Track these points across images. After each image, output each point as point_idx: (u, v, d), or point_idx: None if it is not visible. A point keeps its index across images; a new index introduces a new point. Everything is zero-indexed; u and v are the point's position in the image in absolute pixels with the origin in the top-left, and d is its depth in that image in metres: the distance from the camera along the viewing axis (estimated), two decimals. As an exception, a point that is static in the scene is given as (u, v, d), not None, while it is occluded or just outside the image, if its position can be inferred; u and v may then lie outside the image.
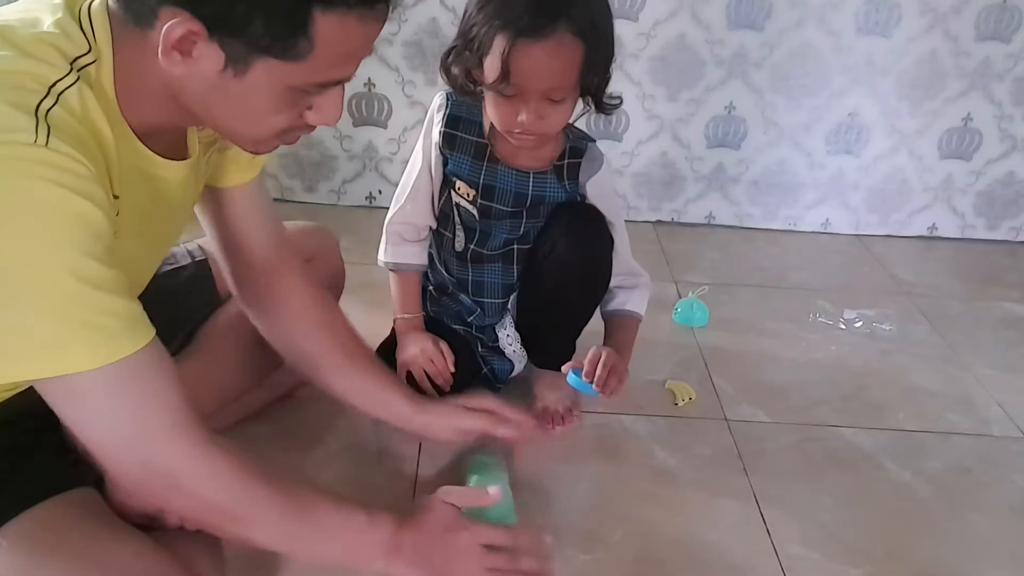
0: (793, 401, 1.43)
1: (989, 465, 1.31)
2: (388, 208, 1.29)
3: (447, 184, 1.24)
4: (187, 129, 0.85)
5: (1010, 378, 1.56)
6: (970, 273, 2.02)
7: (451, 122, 1.19)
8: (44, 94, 0.66)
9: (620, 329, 1.31)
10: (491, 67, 1.02)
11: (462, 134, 1.19)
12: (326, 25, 0.69)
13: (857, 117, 2.04)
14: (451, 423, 1.08)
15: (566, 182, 1.20)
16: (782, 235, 2.15)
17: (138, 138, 0.77)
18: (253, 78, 0.70)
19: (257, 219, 1.03)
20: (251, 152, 0.83)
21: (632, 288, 1.30)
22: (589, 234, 1.21)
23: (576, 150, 1.20)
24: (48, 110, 0.65)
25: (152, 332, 0.73)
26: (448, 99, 1.19)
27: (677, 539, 1.10)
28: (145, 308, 0.97)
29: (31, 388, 0.73)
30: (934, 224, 2.19)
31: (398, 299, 1.29)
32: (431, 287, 1.35)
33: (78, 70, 0.69)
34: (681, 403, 1.39)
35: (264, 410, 1.25)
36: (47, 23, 0.70)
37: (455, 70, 1.09)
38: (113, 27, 0.72)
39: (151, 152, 0.78)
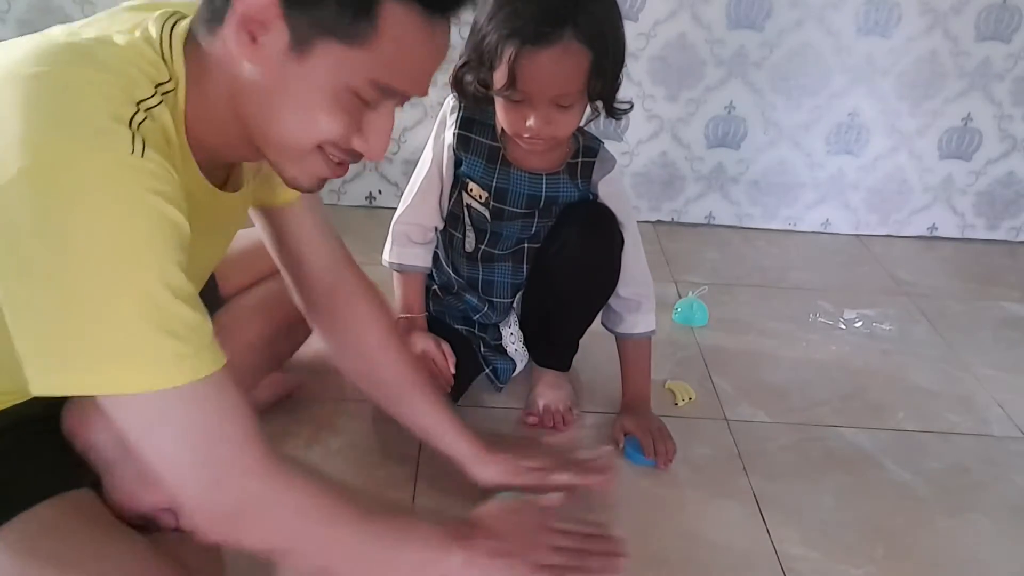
0: (793, 401, 1.43)
1: (989, 465, 1.31)
2: (388, 208, 1.29)
3: (458, 185, 1.24)
4: (238, 166, 0.86)
5: (1010, 378, 1.56)
6: (970, 273, 2.02)
7: (465, 124, 1.19)
8: (135, 109, 0.66)
9: (637, 357, 1.31)
10: (499, 74, 1.03)
11: (476, 136, 1.19)
12: (391, 13, 0.69)
13: (857, 117, 2.04)
14: (507, 478, 1.06)
15: (579, 180, 1.21)
16: (782, 235, 2.15)
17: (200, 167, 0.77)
18: (313, 63, 0.70)
19: (314, 238, 1.01)
20: (290, 183, 0.80)
21: (637, 309, 1.29)
22: (599, 232, 1.21)
23: (590, 149, 1.20)
24: (140, 123, 0.66)
25: (226, 356, 0.71)
26: (460, 101, 1.19)
27: (677, 539, 1.10)
28: None
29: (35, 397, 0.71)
30: (934, 224, 2.19)
31: (401, 299, 1.30)
32: (435, 287, 1.35)
33: (162, 95, 0.70)
34: (681, 403, 1.39)
35: (264, 410, 1.24)
36: (125, 44, 0.70)
37: (467, 80, 1.09)
38: (187, 51, 0.72)
39: (207, 182, 0.78)
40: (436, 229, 1.30)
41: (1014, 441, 1.38)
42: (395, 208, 1.30)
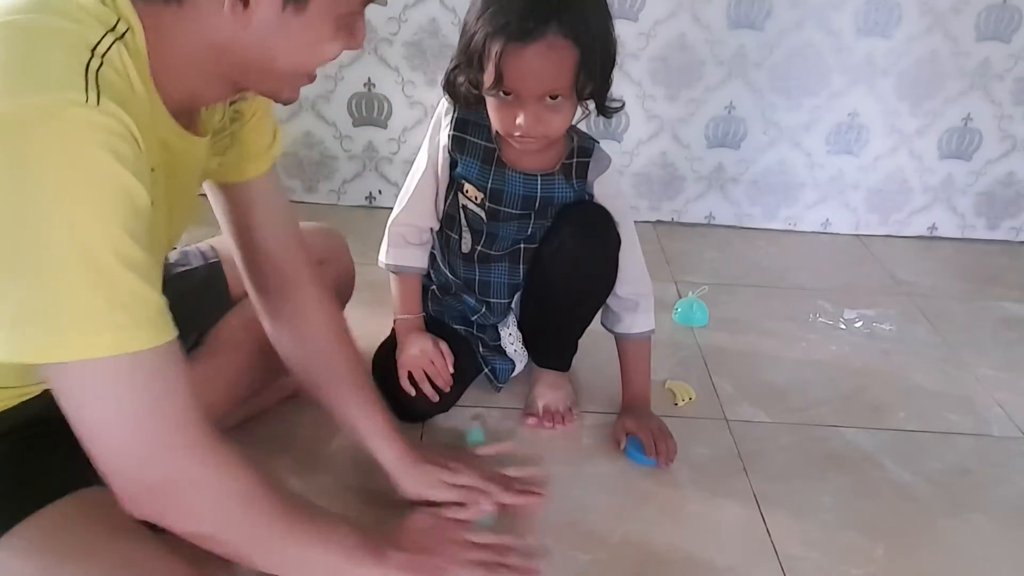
0: (793, 401, 1.43)
1: (989, 465, 1.31)
2: (388, 208, 1.29)
3: (454, 186, 1.24)
4: (200, 111, 0.85)
5: (1010, 378, 1.56)
6: (970, 273, 2.02)
7: (459, 125, 1.19)
8: (89, 54, 0.65)
9: (636, 357, 1.31)
10: (487, 73, 1.04)
11: (471, 137, 1.19)
12: None
13: (857, 117, 2.04)
14: (427, 492, 1.05)
15: (574, 180, 1.21)
16: (782, 235, 2.15)
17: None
18: (311, 10, 0.71)
19: (272, 219, 1.01)
20: (284, 101, 0.81)
21: (635, 309, 1.29)
22: (596, 232, 1.21)
23: (584, 149, 1.20)
24: (97, 69, 0.64)
25: (175, 331, 0.71)
26: (453, 104, 1.19)
27: (677, 539, 1.10)
28: None
29: (43, 392, 0.71)
30: (934, 224, 2.19)
31: (398, 300, 1.30)
32: (433, 287, 1.35)
33: (115, 37, 0.68)
34: (681, 403, 1.39)
35: (267, 411, 1.25)
36: None
37: (459, 81, 1.10)
38: (136, 4, 0.71)
39: (175, 123, 0.77)
40: (431, 230, 1.30)
41: (1014, 441, 1.38)
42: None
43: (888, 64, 1.98)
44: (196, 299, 1.13)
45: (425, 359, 1.25)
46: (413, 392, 1.24)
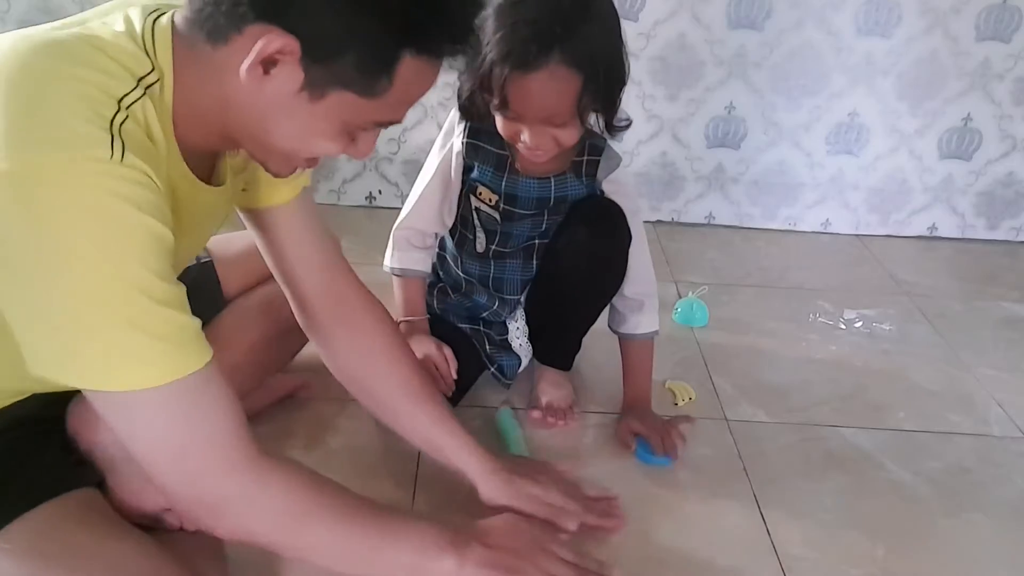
0: (793, 401, 1.43)
1: (989, 465, 1.31)
2: (388, 208, 1.29)
3: (466, 189, 1.25)
4: (221, 156, 0.85)
5: (1010, 378, 1.56)
6: (970, 273, 2.02)
7: (473, 133, 1.20)
8: (116, 108, 0.66)
9: (639, 357, 1.31)
10: (494, 95, 1.05)
11: (484, 145, 1.20)
12: (409, 68, 0.70)
13: (857, 117, 2.04)
14: (518, 503, 1.02)
15: (584, 178, 1.22)
16: (782, 235, 2.15)
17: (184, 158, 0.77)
18: (325, 105, 0.70)
19: (305, 241, 0.99)
20: (272, 173, 0.82)
21: (640, 309, 1.29)
22: (608, 226, 1.22)
23: (595, 147, 1.21)
24: (121, 124, 0.65)
25: (212, 350, 0.72)
26: (466, 122, 1.20)
27: (677, 539, 1.10)
28: None
29: (33, 395, 0.72)
30: (934, 224, 2.19)
31: (402, 303, 1.30)
32: (441, 285, 1.36)
33: (145, 88, 0.69)
34: (681, 403, 1.39)
35: (265, 410, 1.25)
36: (107, 38, 0.70)
37: (470, 97, 1.10)
38: (175, 46, 0.72)
39: (190, 171, 0.78)
40: (436, 235, 1.30)
41: (1014, 441, 1.38)
42: (395, 208, 1.30)
43: (888, 64, 1.97)
44: (189, 298, 1.13)
45: (429, 363, 1.25)
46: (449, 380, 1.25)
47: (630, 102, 1.99)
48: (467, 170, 1.23)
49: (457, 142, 1.22)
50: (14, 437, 0.84)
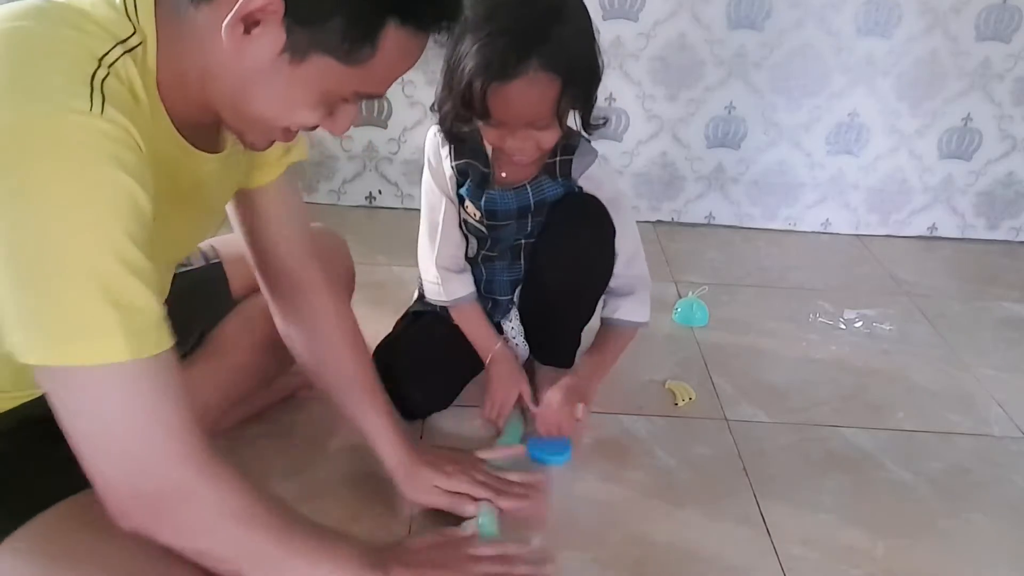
0: (793, 401, 1.43)
1: (989, 465, 1.31)
2: (388, 208, 1.29)
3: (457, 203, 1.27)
4: (221, 127, 0.84)
5: (1010, 378, 1.56)
6: (970, 273, 2.02)
7: (459, 154, 1.22)
8: (96, 65, 0.65)
9: (605, 340, 1.32)
10: (475, 107, 1.05)
11: (470, 162, 1.22)
12: (394, 38, 0.70)
13: (857, 117, 2.04)
14: (421, 497, 1.06)
15: (560, 178, 1.23)
16: (782, 235, 2.15)
17: (174, 126, 0.76)
18: (305, 70, 0.70)
19: (283, 224, 1.01)
20: (248, 145, 0.82)
21: (626, 294, 1.30)
22: (588, 221, 1.23)
23: (568, 147, 1.22)
24: (103, 79, 0.64)
25: (173, 340, 0.70)
26: (449, 138, 1.21)
27: (677, 539, 1.10)
28: None
29: (42, 395, 0.71)
30: (934, 224, 2.19)
31: (475, 339, 1.31)
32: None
33: (125, 50, 0.68)
34: (681, 403, 1.39)
35: (265, 410, 1.25)
36: (87, 6, 0.69)
37: (449, 114, 1.11)
38: (158, 11, 0.71)
39: (180, 138, 0.77)
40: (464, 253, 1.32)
41: (1014, 441, 1.38)
42: (395, 208, 1.30)
43: (888, 64, 1.97)
44: (197, 298, 1.13)
45: (495, 398, 1.27)
46: (499, 422, 1.27)
47: (630, 102, 2.00)
48: (459, 185, 1.25)
49: (447, 165, 1.23)
50: (24, 438, 0.84)
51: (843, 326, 1.70)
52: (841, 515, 1.17)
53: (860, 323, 1.71)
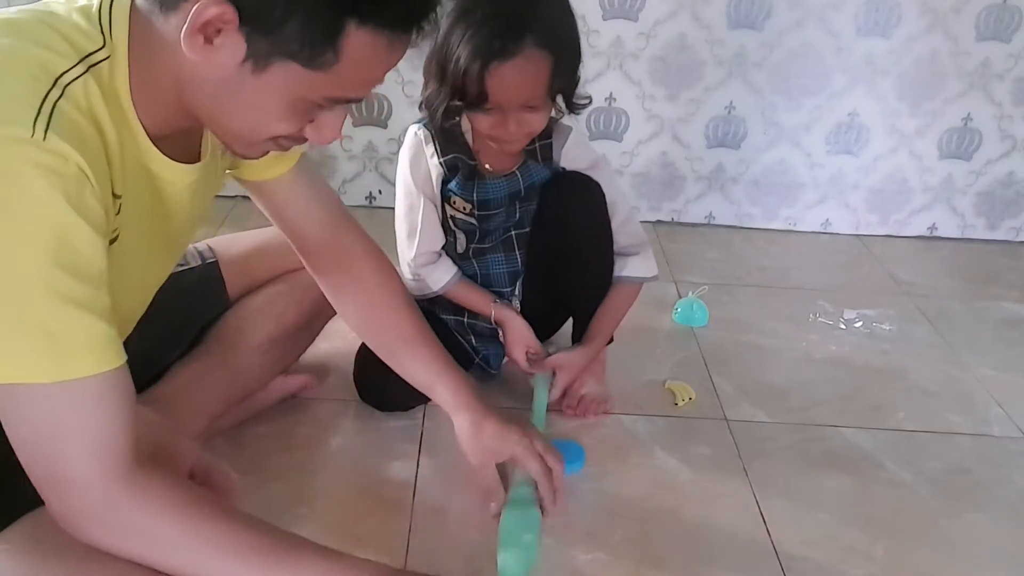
0: (793, 401, 1.43)
1: (989, 465, 1.31)
2: (388, 208, 1.29)
3: (443, 198, 1.27)
4: (203, 132, 0.84)
5: (1010, 378, 1.56)
6: (970, 273, 2.02)
7: (445, 150, 1.23)
8: (50, 85, 0.64)
9: (620, 297, 1.34)
10: (469, 91, 1.07)
11: (456, 157, 1.23)
12: (356, 40, 0.69)
13: (857, 117, 2.04)
14: (485, 456, 1.06)
15: (542, 161, 1.25)
16: (782, 235, 2.15)
17: (151, 139, 0.76)
18: (269, 78, 0.69)
19: (308, 205, 1.03)
20: (239, 156, 0.82)
21: (632, 255, 1.33)
22: (575, 189, 1.26)
23: (545, 132, 1.22)
24: (55, 102, 0.64)
25: (121, 360, 0.70)
26: (428, 128, 1.23)
27: (677, 539, 1.10)
28: (154, 308, 0.95)
29: None
30: (934, 224, 2.19)
31: (472, 298, 1.31)
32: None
33: (89, 65, 0.68)
34: (681, 403, 1.39)
35: (266, 410, 1.25)
36: (62, 14, 0.69)
37: (438, 102, 1.12)
38: (132, 21, 0.70)
39: (158, 152, 0.77)
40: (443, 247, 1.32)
41: (1014, 441, 1.38)
42: (394, 208, 1.30)
43: (888, 64, 1.97)
44: (192, 298, 1.14)
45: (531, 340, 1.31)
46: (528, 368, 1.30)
47: (630, 102, 2.00)
48: (445, 182, 1.25)
49: (432, 163, 1.23)
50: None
51: (843, 326, 1.70)
52: (841, 515, 1.17)
53: (860, 323, 1.71)
